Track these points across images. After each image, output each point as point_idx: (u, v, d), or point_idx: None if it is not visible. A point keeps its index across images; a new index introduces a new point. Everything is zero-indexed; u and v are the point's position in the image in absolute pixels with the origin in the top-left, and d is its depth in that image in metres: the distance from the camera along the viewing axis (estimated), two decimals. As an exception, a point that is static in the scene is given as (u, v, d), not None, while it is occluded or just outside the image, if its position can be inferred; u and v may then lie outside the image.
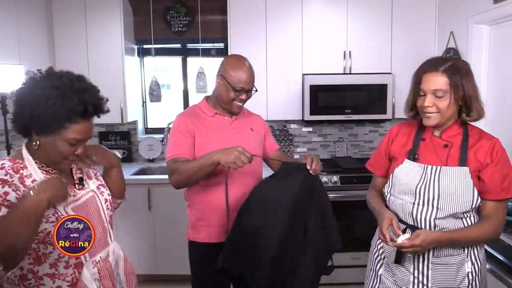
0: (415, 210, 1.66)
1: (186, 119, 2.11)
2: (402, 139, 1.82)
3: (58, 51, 3.66)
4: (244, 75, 2.09)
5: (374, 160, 1.94)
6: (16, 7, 3.10)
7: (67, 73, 1.40)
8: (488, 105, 3.01)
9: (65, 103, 1.30)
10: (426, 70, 1.64)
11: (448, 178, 1.63)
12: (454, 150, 1.67)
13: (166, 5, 3.99)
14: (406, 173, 1.71)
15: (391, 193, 1.77)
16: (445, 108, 1.61)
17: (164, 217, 3.51)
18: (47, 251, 1.34)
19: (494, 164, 1.62)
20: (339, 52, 3.64)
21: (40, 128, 1.33)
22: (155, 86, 4.01)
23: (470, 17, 3.01)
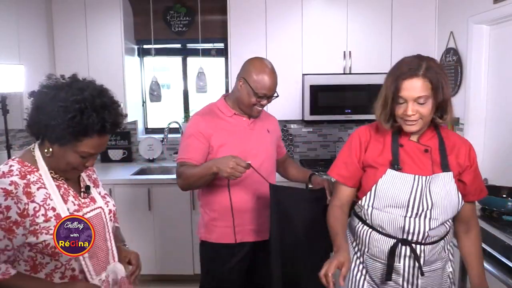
0: (407, 224, 1.58)
1: (201, 121, 2.09)
2: (377, 146, 1.67)
3: (58, 51, 3.66)
4: (268, 81, 2.05)
5: (345, 170, 1.71)
6: (16, 7, 3.10)
7: (91, 84, 1.38)
8: (488, 105, 3.02)
9: (83, 119, 1.28)
10: (405, 76, 1.50)
11: (439, 186, 1.58)
12: (434, 155, 1.62)
13: (166, 5, 3.99)
14: (392, 185, 1.59)
15: (375, 206, 1.63)
16: (428, 114, 1.52)
17: (164, 217, 3.51)
18: (44, 261, 1.33)
19: (472, 166, 1.64)
20: (339, 52, 3.64)
21: (54, 138, 1.32)
22: (155, 86, 4.00)
23: (470, 17, 3.00)
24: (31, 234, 1.28)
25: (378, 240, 1.63)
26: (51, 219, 1.31)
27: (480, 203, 2.37)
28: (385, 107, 1.57)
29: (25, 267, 1.33)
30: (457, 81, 3.21)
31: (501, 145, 2.89)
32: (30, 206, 1.29)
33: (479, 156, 3.06)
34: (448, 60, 3.35)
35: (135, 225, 3.49)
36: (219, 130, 2.07)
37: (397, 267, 1.61)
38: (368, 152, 1.68)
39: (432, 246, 1.61)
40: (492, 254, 2.03)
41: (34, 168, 1.36)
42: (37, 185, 1.33)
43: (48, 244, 1.29)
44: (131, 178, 3.54)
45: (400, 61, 1.60)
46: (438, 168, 1.60)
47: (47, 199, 1.33)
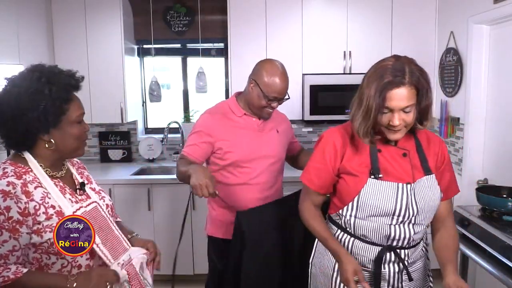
0: (392, 231, 1.53)
1: (210, 119, 2.11)
2: (354, 153, 1.58)
3: (58, 51, 3.66)
4: (279, 84, 2.03)
5: (317, 178, 1.63)
6: (16, 7, 3.10)
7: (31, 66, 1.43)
8: (488, 105, 3.02)
9: (60, 85, 1.33)
10: (391, 86, 1.39)
11: (422, 191, 1.54)
12: (413, 158, 1.56)
13: (166, 5, 3.99)
14: (375, 195, 1.51)
15: (357, 216, 1.56)
16: (413, 121, 1.46)
17: (164, 217, 3.51)
18: (50, 261, 1.33)
19: (447, 164, 1.62)
20: (339, 52, 3.64)
21: (51, 122, 1.33)
22: (155, 86, 4.00)
23: (470, 17, 3.00)
24: (35, 234, 1.28)
25: (363, 249, 1.58)
26: (53, 217, 1.31)
27: (480, 203, 2.37)
28: (366, 119, 1.45)
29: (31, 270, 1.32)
30: (457, 81, 3.21)
31: (501, 145, 2.89)
32: (30, 204, 1.28)
33: (479, 157, 3.08)
34: (448, 60, 3.35)
35: (135, 225, 3.47)
36: (227, 130, 2.09)
37: (383, 273, 1.57)
38: (345, 160, 1.58)
39: (415, 248, 1.60)
40: (492, 254, 2.03)
41: (28, 169, 1.36)
42: (34, 184, 1.33)
43: (53, 243, 1.29)
44: (131, 178, 3.54)
45: (378, 66, 1.49)
46: (420, 172, 1.55)
47: (45, 197, 1.33)
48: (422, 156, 1.57)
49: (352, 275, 1.45)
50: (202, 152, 2.07)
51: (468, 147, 3.12)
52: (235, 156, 2.07)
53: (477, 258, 2.14)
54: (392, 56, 1.50)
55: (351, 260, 1.50)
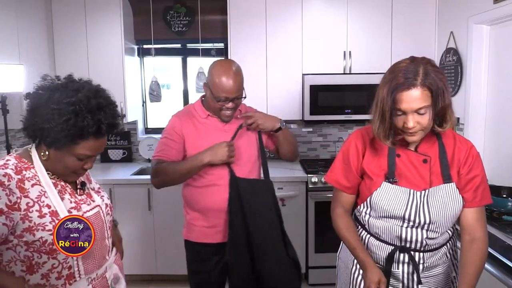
0: (403, 233, 1.53)
1: (177, 121, 2.13)
2: (373, 155, 1.59)
3: (58, 51, 3.66)
4: (227, 84, 1.98)
5: (344, 179, 1.65)
6: (16, 7, 3.10)
7: (86, 84, 1.36)
8: (488, 105, 3.02)
9: (78, 122, 1.26)
10: (402, 88, 1.38)
11: (437, 199, 1.50)
12: (434, 165, 1.53)
13: (166, 5, 3.99)
14: (387, 198, 1.53)
15: (371, 215, 1.60)
16: (429, 124, 1.43)
17: (164, 217, 3.51)
18: (41, 260, 1.31)
19: (474, 170, 1.52)
20: (339, 52, 3.64)
21: (50, 142, 1.30)
22: (155, 86, 4.00)
23: (470, 17, 3.01)
24: (26, 231, 1.27)
25: (376, 246, 1.61)
26: (46, 215, 1.29)
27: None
28: (383, 121, 1.45)
29: (21, 267, 1.31)
30: (457, 81, 3.21)
31: (501, 145, 2.89)
32: (23, 200, 1.27)
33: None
34: (448, 60, 3.35)
35: (135, 225, 3.49)
36: (194, 131, 2.10)
37: (396, 273, 1.58)
38: (364, 160, 1.60)
39: (433, 253, 1.57)
40: (492, 254, 2.03)
41: (31, 165, 1.35)
42: (32, 181, 1.32)
43: (45, 241, 1.28)
44: (131, 178, 3.54)
45: (394, 67, 1.47)
46: (439, 180, 1.52)
47: (42, 196, 1.31)
48: (445, 163, 1.52)
49: (375, 285, 1.46)
50: (176, 152, 2.08)
51: (468, 147, 3.11)
52: None
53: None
54: (409, 57, 1.48)
55: (377, 271, 1.50)
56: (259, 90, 3.68)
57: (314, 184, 3.42)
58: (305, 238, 3.49)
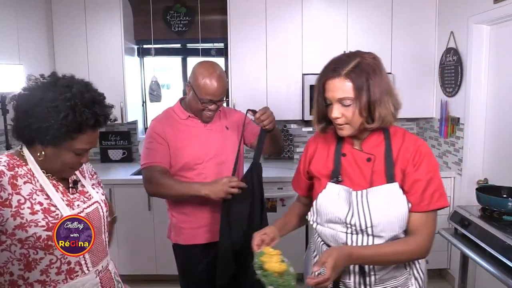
0: (349, 240, 1.44)
1: (158, 125, 2.11)
2: (321, 156, 1.56)
3: (58, 51, 3.66)
4: (211, 86, 1.97)
5: (295, 179, 1.74)
6: (16, 7, 3.10)
7: (74, 79, 1.36)
8: (488, 105, 3.02)
9: (77, 117, 1.27)
10: (328, 76, 1.40)
11: (379, 200, 1.41)
12: (378, 163, 1.45)
13: (166, 5, 3.99)
14: (331, 200, 1.47)
15: (318, 222, 1.54)
16: (353, 117, 1.38)
17: (164, 217, 3.48)
18: (37, 256, 1.30)
19: (420, 171, 1.42)
20: (339, 52, 3.50)
21: (48, 140, 1.29)
22: (155, 86, 4.00)
23: (470, 17, 3.00)
24: (18, 228, 1.26)
25: None
26: (38, 212, 1.28)
27: (480, 203, 2.37)
28: (314, 106, 1.50)
29: (19, 266, 1.30)
30: (457, 81, 3.21)
31: (501, 145, 2.89)
32: (14, 197, 1.26)
33: (479, 156, 3.08)
34: (448, 60, 3.35)
35: (135, 225, 3.49)
36: (175, 133, 2.08)
37: (347, 283, 1.48)
38: (313, 163, 1.59)
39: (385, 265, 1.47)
40: (492, 254, 2.03)
41: (23, 163, 1.34)
42: (24, 179, 1.31)
43: (39, 237, 1.27)
44: (131, 178, 3.54)
45: (333, 57, 1.51)
46: (382, 179, 1.43)
47: (33, 194, 1.30)
48: (389, 162, 1.44)
49: (259, 235, 1.53)
50: (165, 155, 2.06)
51: (468, 147, 3.12)
52: (184, 159, 2.06)
53: (477, 258, 2.14)
54: (353, 51, 1.50)
55: (271, 228, 1.59)
56: (259, 90, 3.67)
57: (314, 184, 3.42)
58: (304, 238, 3.49)
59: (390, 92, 1.42)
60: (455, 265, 3.28)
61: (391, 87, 1.43)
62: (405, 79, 3.58)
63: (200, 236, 2.13)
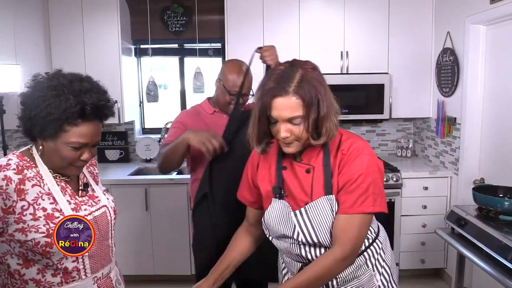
0: (303, 251, 1.41)
1: (185, 115, 2.31)
2: (265, 169, 1.49)
3: (55, 51, 3.65)
4: (239, 79, 2.15)
5: (247, 192, 1.58)
6: (12, 7, 3.09)
7: (72, 74, 1.35)
8: (484, 105, 3.03)
9: (61, 104, 1.24)
10: (273, 93, 1.27)
11: (318, 215, 1.35)
12: (318, 175, 1.38)
13: (163, 5, 3.99)
14: (276, 217, 1.42)
15: (271, 235, 1.50)
16: (303, 134, 1.31)
17: (161, 217, 3.50)
18: (35, 258, 1.30)
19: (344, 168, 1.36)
20: (336, 52, 3.64)
21: (39, 131, 1.29)
22: (152, 86, 4.00)
23: (467, 17, 3.01)
24: (18, 231, 1.26)
25: (288, 263, 1.53)
26: (40, 219, 1.27)
27: (477, 202, 2.38)
28: (255, 125, 1.36)
29: (17, 261, 1.31)
30: (454, 81, 3.22)
31: (497, 144, 2.90)
32: (19, 204, 1.26)
33: (476, 156, 3.10)
34: (445, 60, 3.36)
35: (132, 225, 3.49)
36: (198, 122, 2.23)
37: None
38: (258, 175, 1.50)
39: None
40: (489, 254, 2.04)
41: (33, 164, 1.34)
42: (33, 182, 1.30)
43: (38, 242, 1.26)
44: (128, 179, 3.53)
45: (272, 70, 1.37)
46: (320, 191, 1.37)
47: (39, 198, 1.30)
48: (327, 171, 1.37)
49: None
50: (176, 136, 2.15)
51: (464, 147, 3.13)
52: None
53: (473, 258, 2.15)
54: (291, 60, 1.38)
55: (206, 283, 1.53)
56: (257, 90, 3.67)
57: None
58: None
59: (333, 103, 1.35)
60: (451, 264, 3.29)
61: (332, 97, 1.36)
62: (402, 79, 3.59)
63: None
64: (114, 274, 1.51)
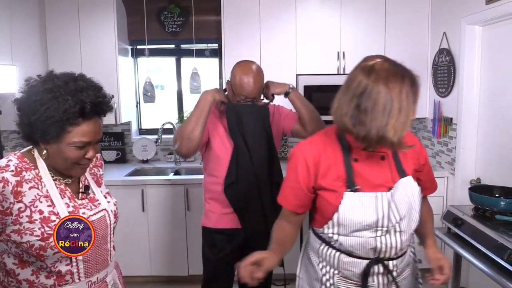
0: (378, 243, 1.45)
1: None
2: (329, 166, 1.48)
3: (51, 52, 3.64)
4: (246, 85, 2.09)
5: (294, 198, 1.55)
6: (8, 7, 3.08)
7: (64, 74, 1.34)
8: (480, 105, 3.04)
9: (60, 106, 1.24)
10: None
11: (403, 196, 1.46)
12: (391, 161, 1.50)
13: (160, 6, 3.99)
14: (354, 210, 1.43)
15: (340, 233, 1.48)
16: None
17: (158, 218, 3.50)
18: (30, 259, 1.31)
19: (425, 162, 1.62)
20: (333, 52, 3.65)
21: (40, 136, 1.28)
22: (149, 86, 3.99)
23: (463, 18, 3.02)
24: (15, 233, 1.26)
25: (349, 263, 1.51)
26: (36, 221, 1.27)
27: (473, 202, 2.39)
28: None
29: (13, 260, 1.32)
30: (450, 81, 3.23)
31: (494, 144, 2.91)
32: (15, 206, 1.26)
33: (472, 156, 3.11)
34: (441, 60, 3.37)
35: (129, 226, 3.48)
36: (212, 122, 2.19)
37: (371, 286, 1.51)
38: (320, 177, 1.48)
39: (403, 257, 1.54)
40: (485, 253, 2.05)
41: (32, 166, 1.33)
42: (30, 184, 1.29)
43: (32, 245, 1.26)
44: (125, 179, 3.53)
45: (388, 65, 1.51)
46: (397, 175, 1.48)
47: (36, 201, 1.29)
48: (397, 158, 1.50)
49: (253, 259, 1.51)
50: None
51: (461, 147, 3.14)
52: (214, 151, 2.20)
53: (470, 257, 2.16)
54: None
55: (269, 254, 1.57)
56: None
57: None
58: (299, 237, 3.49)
59: None
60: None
61: None
62: (399, 80, 3.60)
63: (226, 221, 2.21)
64: (111, 278, 1.50)
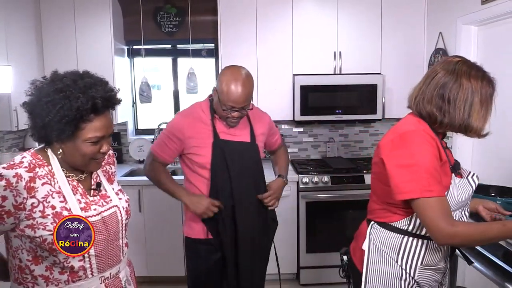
0: (464, 218, 1.65)
1: (181, 122, 2.11)
2: (439, 151, 1.53)
3: (47, 52, 3.63)
4: (235, 93, 1.93)
5: (436, 184, 1.44)
6: (4, 7, 3.06)
7: (71, 73, 1.37)
8: (476, 105, 3.05)
9: (72, 104, 1.27)
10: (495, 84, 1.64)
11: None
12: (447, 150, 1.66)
13: (156, 6, 3.98)
14: (457, 191, 1.55)
15: None
16: None
17: (154, 218, 3.49)
18: (43, 254, 1.32)
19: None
20: (329, 52, 3.65)
21: (56, 136, 1.30)
22: (145, 87, 3.98)
23: (459, 18, 3.04)
24: (28, 227, 1.28)
25: (437, 249, 1.59)
26: (48, 216, 1.29)
27: (470, 202, 2.39)
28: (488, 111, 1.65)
29: (27, 257, 1.33)
30: (446, 81, 3.24)
31: (490, 144, 2.92)
32: (29, 201, 1.28)
33: (468, 156, 3.11)
34: (437, 60, 3.38)
35: (125, 226, 3.47)
36: (197, 132, 2.08)
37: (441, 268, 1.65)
38: (442, 159, 1.55)
39: None
40: (481, 253, 2.05)
41: (45, 163, 1.36)
42: (43, 180, 1.32)
43: (45, 240, 1.28)
44: (122, 180, 3.52)
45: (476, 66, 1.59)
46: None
47: (49, 196, 1.32)
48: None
49: None
50: (171, 153, 2.14)
51: (457, 146, 3.14)
52: (203, 159, 2.08)
53: (466, 257, 2.16)
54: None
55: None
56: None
57: (305, 184, 3.42)
58: (296, 238, 3.50)
59: None
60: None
61: None
62: (395, 79, 3.61)
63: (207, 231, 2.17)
64: (124, 274, 1.53)
